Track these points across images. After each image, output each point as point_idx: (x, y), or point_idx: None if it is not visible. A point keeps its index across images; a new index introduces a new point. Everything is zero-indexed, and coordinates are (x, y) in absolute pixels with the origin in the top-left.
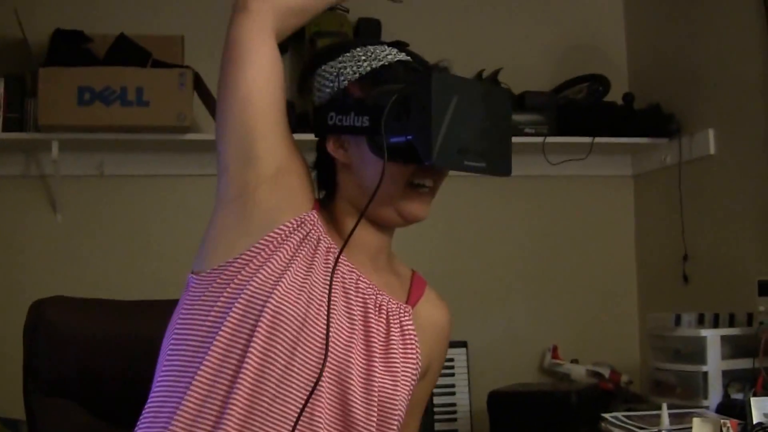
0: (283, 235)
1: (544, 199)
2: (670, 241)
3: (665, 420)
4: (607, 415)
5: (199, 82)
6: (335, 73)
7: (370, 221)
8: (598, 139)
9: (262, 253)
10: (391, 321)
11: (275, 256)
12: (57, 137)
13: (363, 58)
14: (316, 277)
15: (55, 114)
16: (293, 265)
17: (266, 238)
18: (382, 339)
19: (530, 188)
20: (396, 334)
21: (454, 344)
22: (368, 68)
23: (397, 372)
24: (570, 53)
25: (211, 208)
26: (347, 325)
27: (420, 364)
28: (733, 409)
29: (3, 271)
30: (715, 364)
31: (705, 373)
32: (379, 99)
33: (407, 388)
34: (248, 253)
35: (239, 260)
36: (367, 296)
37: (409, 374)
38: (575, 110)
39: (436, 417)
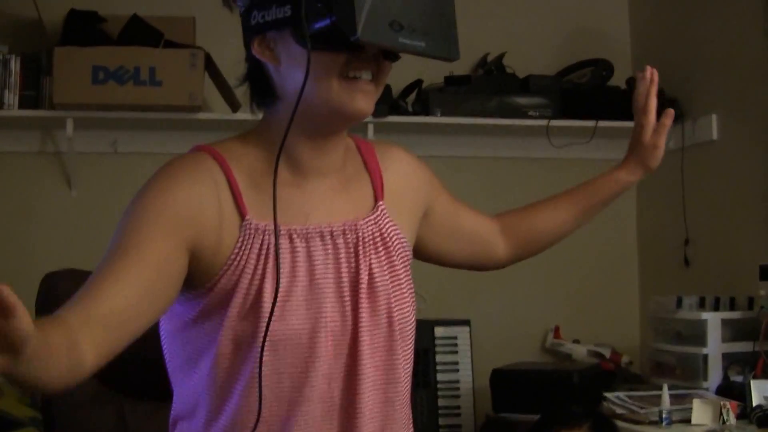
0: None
1: (547, 181)
2: (671, 224)
3: (666, 400)
4: (609, 395)
5: (210, 62)
6: None
7: (319, 138)
8: (601, 123)
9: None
10: (368, 249)
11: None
12: (72, 115)
13: None
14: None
15: (69, 92)
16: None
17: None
18: (365, 294)
19: (534, 171)
20: (377, 260)
21: (457, 322)
22: None
23: (381, 303)
24: (574, 37)
25: None
26: (339, 312)
27: (405, 246)
28: (733, 391)
29: (19, 244)
30: (715, 347)
31: (705, 356)
32: None
33: (403, 300)
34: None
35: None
36: (339, 256)
37: (402, 286)
38: (579, 94)
39: (439, 393)
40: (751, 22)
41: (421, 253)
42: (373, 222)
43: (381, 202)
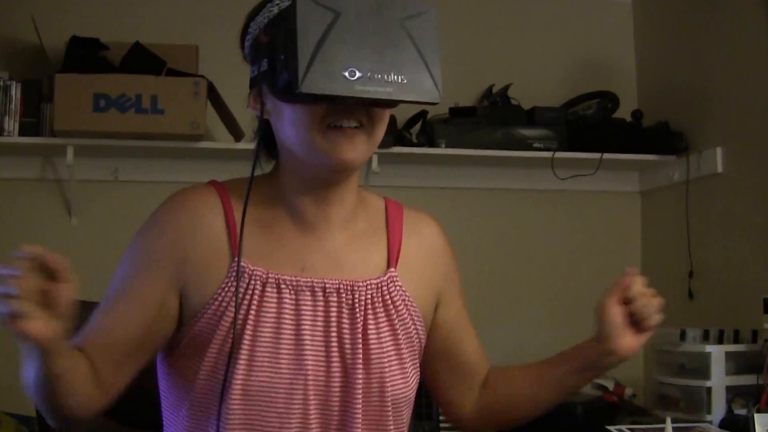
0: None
1: (552, 213)
2: (676, 257)
3: None
4: (612, 428)
5: (213, 91)
6: (255, 27)
7: (318, 189)
8: (606, 155)
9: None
10: (366, 313)
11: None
12: (72, 142)
13: (277, 2)
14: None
15: (70, 120)
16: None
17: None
18: (360, 361)
19: (539, 202)
20: (375, 327)
21: None
22: (276, 11)
23: (374, 373)
24: (580, 70)
25: None
26: (324, 370)
27: (417, 321)
28: (736, 424)
29: None
30: (719, 380)
31: (709, 389)
32: (274, 37)
33: (395, 377)
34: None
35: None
36: (330, 315)
37: (397, 360)
38: (585, 126)
39: (442, 426)
40: (756, 56)
41: None
42: (375, 286)
43: (393, 269)
